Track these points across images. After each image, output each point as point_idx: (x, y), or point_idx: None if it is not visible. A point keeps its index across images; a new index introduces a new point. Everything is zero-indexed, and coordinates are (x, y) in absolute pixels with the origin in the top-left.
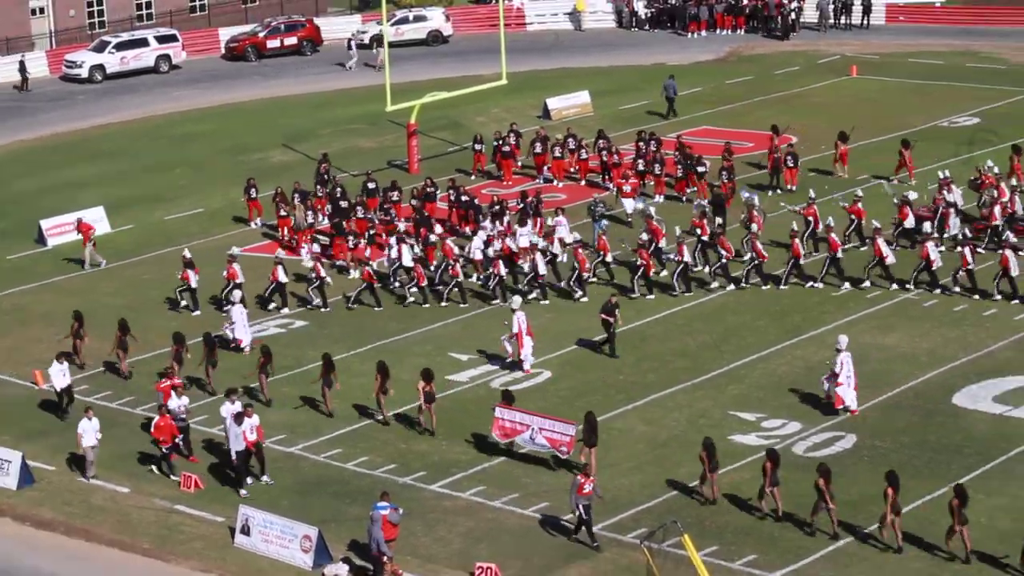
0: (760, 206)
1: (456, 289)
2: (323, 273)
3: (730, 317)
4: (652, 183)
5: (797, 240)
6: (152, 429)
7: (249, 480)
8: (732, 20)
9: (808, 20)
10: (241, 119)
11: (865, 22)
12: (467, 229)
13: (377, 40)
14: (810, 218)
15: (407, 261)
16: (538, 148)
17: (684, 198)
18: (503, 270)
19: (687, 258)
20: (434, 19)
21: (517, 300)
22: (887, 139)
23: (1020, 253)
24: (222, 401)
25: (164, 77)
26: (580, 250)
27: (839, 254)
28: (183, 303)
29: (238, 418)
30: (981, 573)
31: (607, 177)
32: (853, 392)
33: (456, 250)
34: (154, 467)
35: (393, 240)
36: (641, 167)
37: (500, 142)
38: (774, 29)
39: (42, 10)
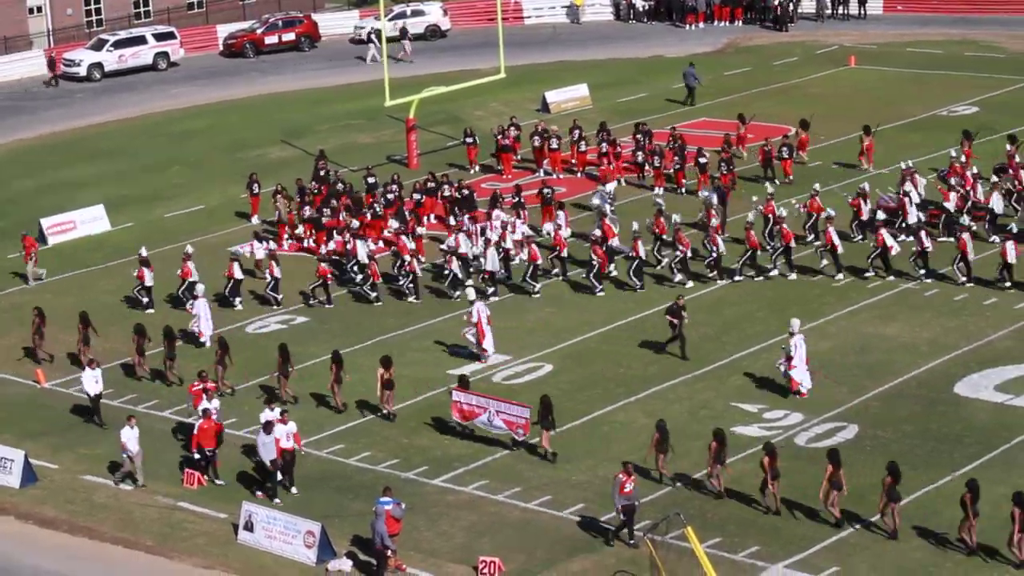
0: (719, 205)
1: (412, 285)
2: (276, 272)
3: (730, 309)
4: (652, 175)
5: (753, 232)
6: (195, 433)
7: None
8: (730, 12)
9: (806, 11)
10: (239, 116)
11: (862, 12)
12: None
13: (403, 32)
14: (812, 212)
15: (362, 258)
16: (537, 142)
17: (683, 190)
18: (455, 265)
19: (642, 253)
20: (432, 14)
21: (472, 292)
22: (886, 128)
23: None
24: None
25: (162, 75)
26: (533, 244)
27: (791, 244)
28: (145, 300)
29: (267, 427)
30: (983, 563)
31: (608, 169)
32: (807, 374)
33: (412, 246)
34: (198, 473)
35: (348, 236)
36: (640, 159)
37: (500, 136)
38: (771, 20)
39: (40, 8)
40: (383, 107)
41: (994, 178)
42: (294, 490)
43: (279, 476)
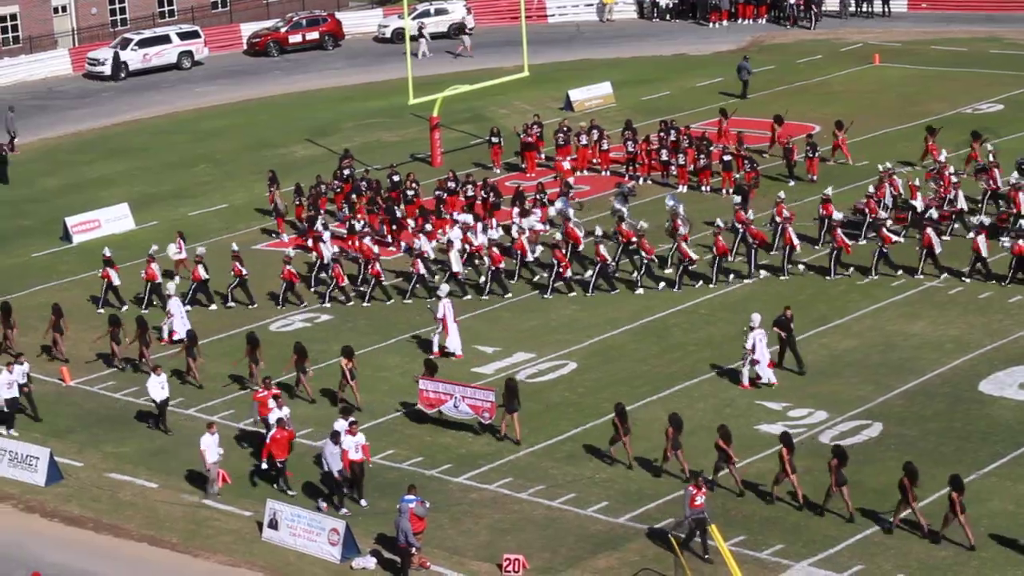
0: (684, 214)
1: (378, 288)
2: (243, 271)
3: (754, 306)
4: (676, 173)
5: (721, 237)
6: (268, 442)
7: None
8: (754, 9)
9: (830, 8)
10: (264, 114)
11: (887, 10)
12: (493, 220)
13: (459, 29)
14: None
15: (327, 260)
16: (560, 139)
17: (707, 188)
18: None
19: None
20: (456, 12)
21: (444, 288)
22: (911, 127)
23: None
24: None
25: (186, 73)
26: (495, 248)
27: (756, 243)
28: (112, 300)
29: (334, 437)
30: (1008, 559)
31: (631, 168)
32: (768, 369)
33: (376, 249)
34: (275, 486)
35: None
36: (664, 157)
37: (523, 134)
38: (797, 17)
39: (64, 8)
40: (407, 105)
41: (958, 173)
42: (363, 503)
43: (344, 488)
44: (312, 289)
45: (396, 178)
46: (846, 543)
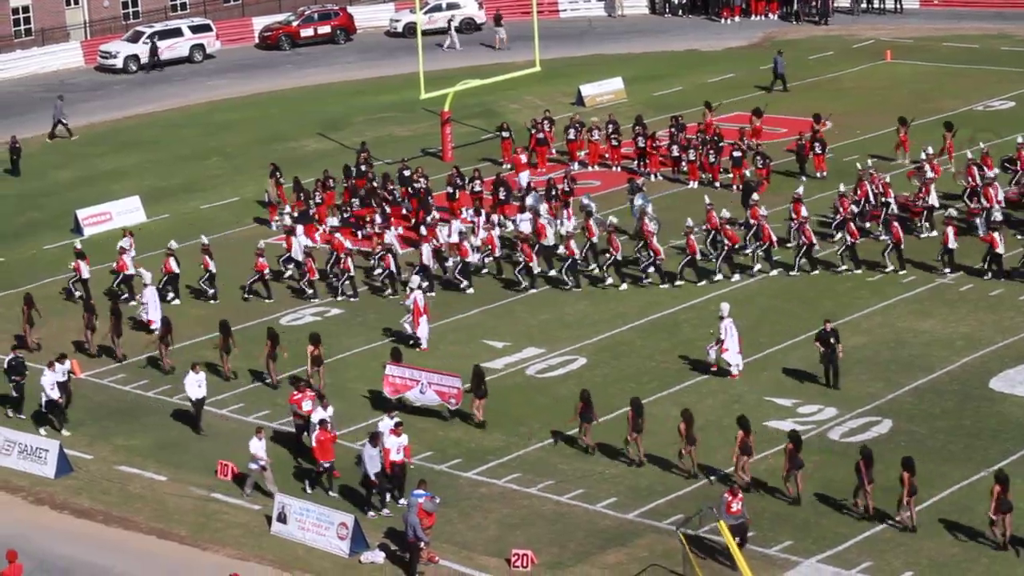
0: (653, 212)
1: (348, 282)
2: (211, 267)
3: (763, 303)
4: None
5: (692, 237)
6: (313, 445)
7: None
8: (765, 5)
9: (841, 5)
10: (275, 108)
11: (899, 6)
12: (504, 214)
13: (497, 20)
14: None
15: (297, 255)
16: (572, 135)
17: (718, 184)
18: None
19: (577, 254)
20: (467, 7)
21: (416, 280)
22: (923, 123)
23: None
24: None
25: (198, 67)
26: (465, 243)
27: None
28: (78, 293)
29: (373, 439)
30: (1016, 558)
31: (642, 163)
32: (738, 356)
33: (348, 244)
34: (307, 485)
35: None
36: (675, 153)
37: (534, 129)
38: (808, 13)
39: (76, 1)
40: (419, 100)
41: (930, 173)
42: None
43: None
44: (326, 282)
45: (407, 172)
46: (855, 540)
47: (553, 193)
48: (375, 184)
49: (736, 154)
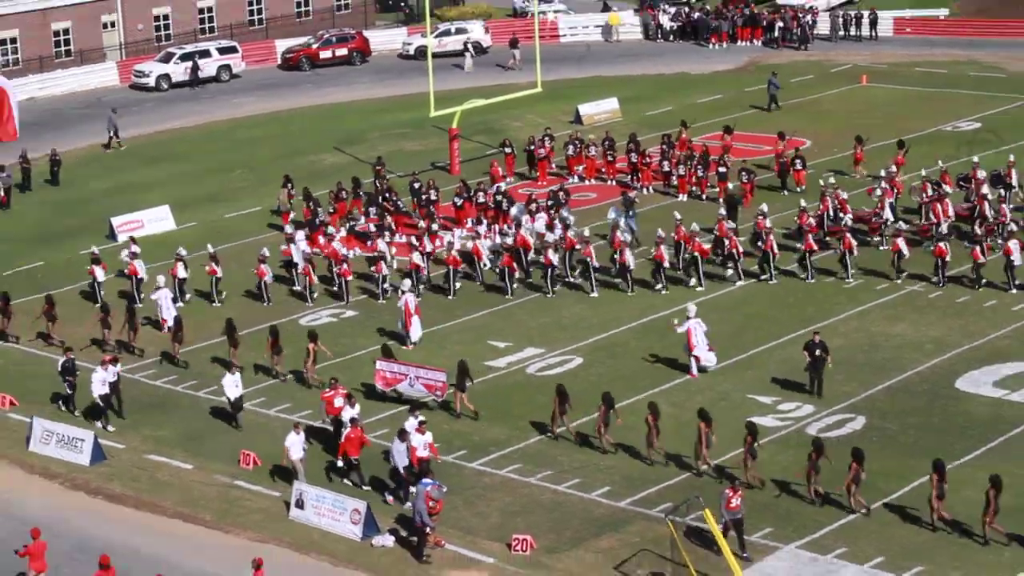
0: (624, 225)
1: (345, 287)
2: (217, 271)
3: (748, 307)
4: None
5: (662, 247)
6: (343, 441)
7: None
8: (751, 32)
9: (821, 32)
10: (296, 124)
11: (874, 34)
12: (504, 225)
13: (512, 43)
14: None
15: (298, 260)
16: (571, 150)
17: (704, 197)
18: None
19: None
20: (474, 31)
21: (407, 283)
22: (895, 143)
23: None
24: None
25: (225, 85)
26: (453, 252)
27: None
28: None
29: (401, 434)
30: (981, 546)
31: (635, 178)
32: (708, 352)
33: (343, 252)
34: (347, 480)
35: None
36: (666, 168)
37: (533, 147)
38: (790, 39)
39: (113, 24)
40: (428, 117)
41: (883, 186)
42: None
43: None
44: (325, 288)
45: (417, 185)
46: (831, 527)
47: (533, 206)
48: (385, 194)
49: (721, 170)
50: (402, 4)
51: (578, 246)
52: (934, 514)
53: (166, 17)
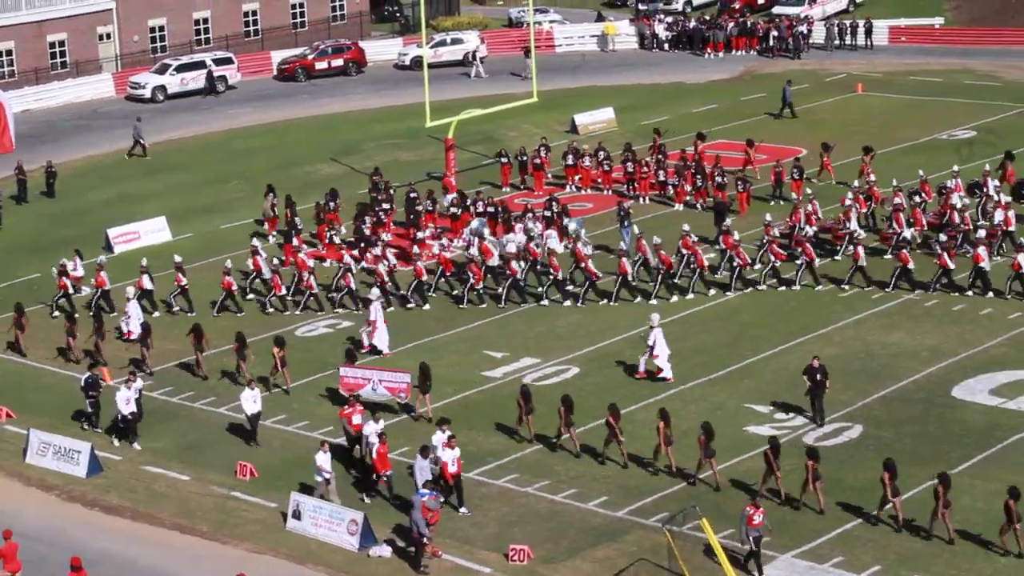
0: (586, 237)
1: (312, 299)
2: (183, 282)
3: (745, 316)
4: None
5: (624, 260)
6: (374, 457)
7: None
8: (746, 42)
9: (816, 41)
10: (292, 135)
11: (869, 43)
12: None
13: (525, 51)
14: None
15: (266, 273)
16: (570, 160)
17: (699, 206)
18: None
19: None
20: (470, 42)
21: (376, 292)
22: (891, 151)
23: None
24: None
25: (220, 97)
26: (418, 263)
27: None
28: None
29: (423, 451)
30: (977, 552)
31: (631, 187)
32: (667, 364)
33: (311, 263)
34: (365, 496)
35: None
36: (662, 177)
37: (525, 157)
38: (784, 49)
39: (109, 36)
40: (424, 127)
41: (850, 196)
42: (463, 510)
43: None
44: (328, 295)
45: (413, 195)
46: (828, 536)
47: (500, 216)
48: (382, 204)
49: (719, 179)
50: (398, 15)
51: (541, 257)
52: (945, 525)
53: (162, 29)
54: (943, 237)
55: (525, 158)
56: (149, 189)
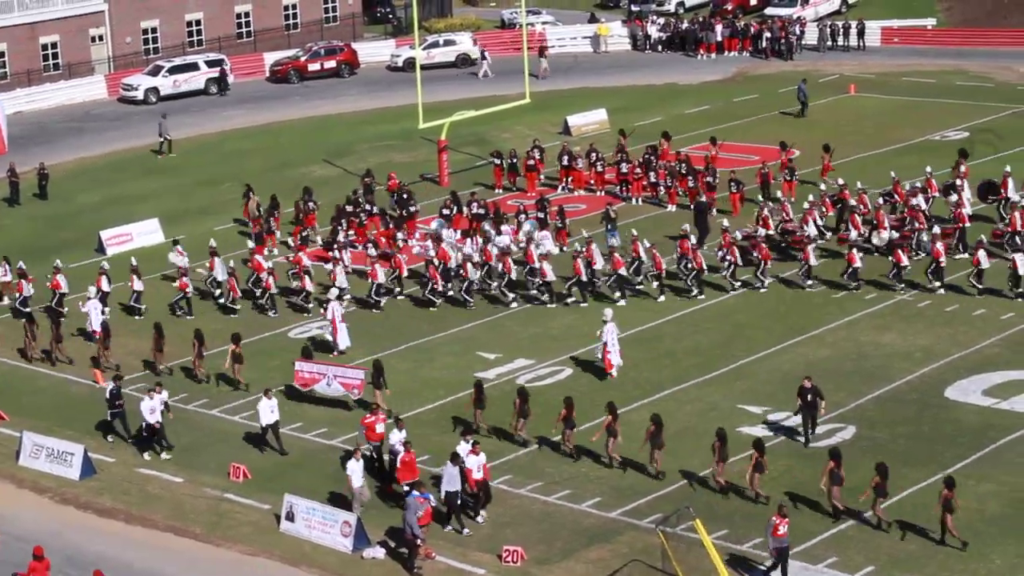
0: (538, 238)
1: (270, 300)
2: (136, 285)
3: (739, 317)
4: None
5: (579, 260)
6: (399, 467)
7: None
8: (739, 43)
9: (809, 42)
10: (285, 136)
11: (862, 44)
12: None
13: (541, 51)
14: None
15: (220, 276)
16: (565, 160)
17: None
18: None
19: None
20: (462, 43)
21: (334, 291)
22: (884, 152)
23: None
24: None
25: (213, 98)
26: (376, 265)
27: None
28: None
29: (454, 458)
30: (970, 553)
31: (624, 188)
32: (619, 358)
33: (267, 265)
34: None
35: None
36: (653, 179)
37: (515, 159)
38: (777, 50)
39: (101, 37)
40: (417, 129)
41: (810, 200)
42: (479, 519)
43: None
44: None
45: (405, 196)
46: (821, 537)
47: (493, 218)
48: (356, 207)
49: (709, 179)
50: (390, 16)
51: (494, 260)
52: (948, 528)
53: (154, 30)
54: (894, 234)
55: (515, 160)
56: (142, 191)
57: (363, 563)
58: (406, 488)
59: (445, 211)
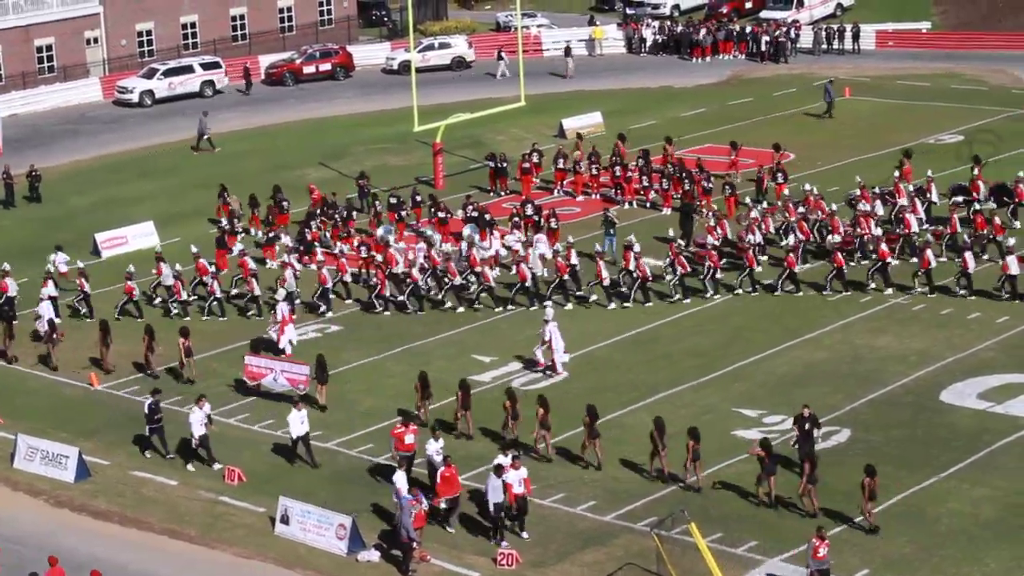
0: (480, 242)
1: (216, 303)
2: (86, 287)
3: (735, 320)
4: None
5: (522, 266)
6: (439, 482)
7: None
8: (733, 46)
9: (804, 45)
10: (280, 139)
11: (856, 47)
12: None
13: (567, 51)
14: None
15: (167, 280)
16: (560, 163)
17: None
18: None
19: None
20: (458, 46)
21: (281, 292)
22: (878, 155)
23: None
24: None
25: (208, 101)
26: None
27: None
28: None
29: (497, 470)
30: (964, 556)
31: (618, 191)
32: (564, 355)
33: (212, 268)
34: (449, 528)
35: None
36: (646, 183)
37: (506, 163)
38: (772, 54)
39: (96, 40)
40: (412, 132)
41: (760, 208)
42: (524, 535)
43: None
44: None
45: (394, 200)
46: None
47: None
48: (331, 210)
49: (705, 183)
50: (385, 19)
51: (440, 265)
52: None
53: (149, 33)
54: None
55: (505, 164)
56: (137, 193)
57: (358, 566)
58: (443, 505)
59: (441, 213)
